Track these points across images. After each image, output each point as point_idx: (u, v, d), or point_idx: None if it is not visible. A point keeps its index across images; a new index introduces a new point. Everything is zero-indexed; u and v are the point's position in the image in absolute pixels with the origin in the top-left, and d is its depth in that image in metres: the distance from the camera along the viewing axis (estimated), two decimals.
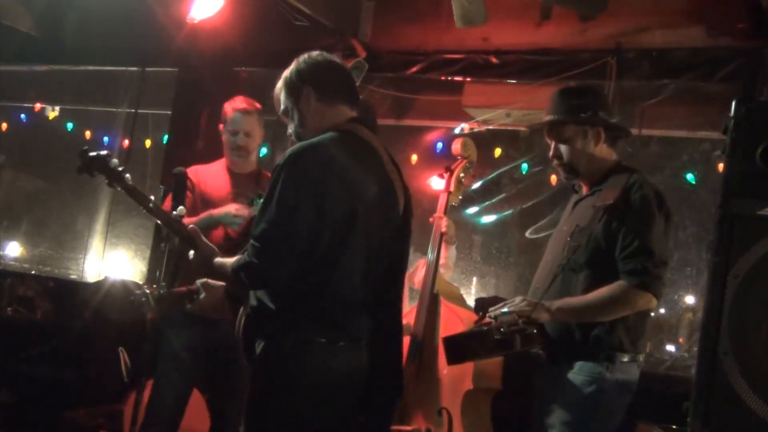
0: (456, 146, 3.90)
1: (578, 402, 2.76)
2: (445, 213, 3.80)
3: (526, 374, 3.65)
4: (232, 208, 3.55)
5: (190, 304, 3.13)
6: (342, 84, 2.65)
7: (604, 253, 2.77)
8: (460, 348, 2.97)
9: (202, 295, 3.07)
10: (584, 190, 3.01)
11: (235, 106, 3.73)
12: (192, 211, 3.52)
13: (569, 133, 2.94)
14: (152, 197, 2.65)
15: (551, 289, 2.86)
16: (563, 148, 2.96)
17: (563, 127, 2.95)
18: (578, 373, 2.78)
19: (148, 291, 3.10)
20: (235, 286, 2.59)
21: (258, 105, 3.78)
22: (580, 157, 2.94)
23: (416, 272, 3.88)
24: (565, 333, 2.82)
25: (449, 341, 3.00)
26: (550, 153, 3.01)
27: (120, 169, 2.75)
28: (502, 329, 2.82)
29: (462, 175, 3.87)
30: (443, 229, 3.74)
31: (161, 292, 3.15)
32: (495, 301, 2.95)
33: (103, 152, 2.78)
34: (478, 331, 2.92)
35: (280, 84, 2.68)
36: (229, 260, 2.52)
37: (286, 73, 2.65)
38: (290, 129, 2.65)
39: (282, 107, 2.66)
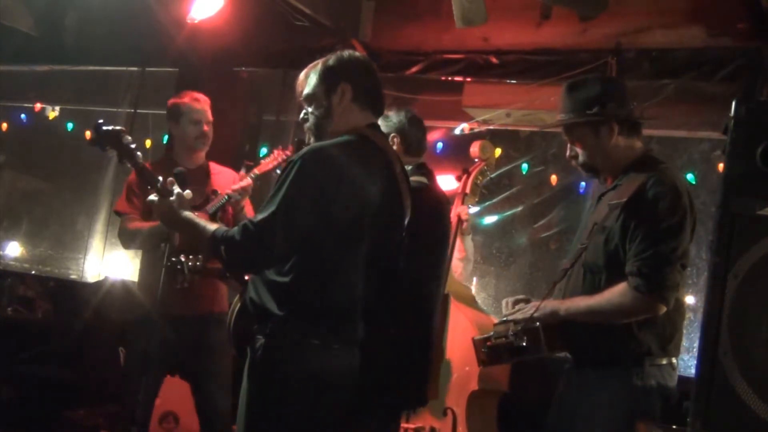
0: (474, 149, 3.90)
1: (608, 421, 2.64)
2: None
3: (533, 377, 3.64)
4: None
5: (225, 281, 3.24)
6: (376, 92, 2.64)
7: (622, 255, 2.63)
8: (478, 352, 2.96)
9: None
10: (608, 182, 2.86)
11: (191, 97, 3.87)
12: (147, 215, 3.56)
13: (579, 132, 2.80)
14: (160, 178, 2.64)
15: (565, 290, 2.79)
16: (578, 147, 2.83)
17: (573, 126, 2.82)
18: (607, 386, 2.65)
19: (183, 259, 3.10)
20: (206, 250, 2.55)
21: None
22: (595, 155, 2.80)
23: None
24: (588, 336, 2.69)
25: (475, 343, 2.97)
26: (567, 153, 2.89)
27: (133, 146, 2.74)
28: (496, 338, 2.82)
29: (480, 177, 3.87)
30: (464, 216, 3.71)
31: (198, 264, 3.17)
32: (518, 302, 2.90)
33: (118, 127, 2.76)
34: (485, 337, 2.91)
35: (313, 70, 2.61)
36: (211, 225, 2.51)
37: (326, 61, 2.59)
38: (308, 116, 2.59)
39: (308, 91, 2.59)
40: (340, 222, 2.40)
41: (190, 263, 3.16)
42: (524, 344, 2.72)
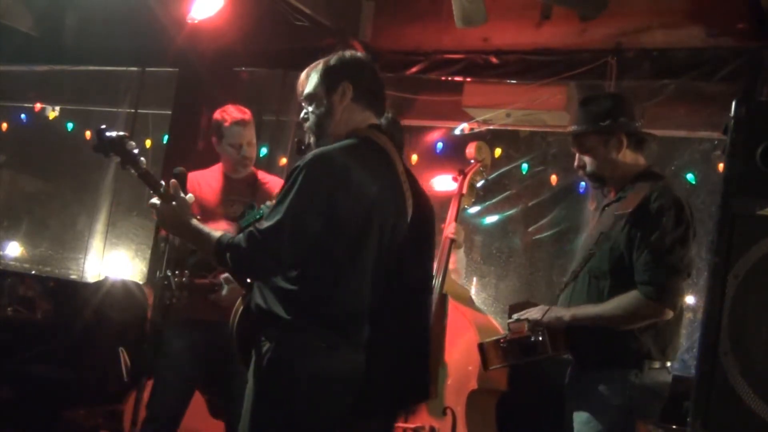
0: (470, 150, 3.92)
1: (609, 414, 2.75)
2: (457, 216, 3.80)
3: (531, 377, 3.66)
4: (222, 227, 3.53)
5: (213, 296, 3.25)
6: (378, 92, 2.64)
7: (627, 262, 2.77)
8: (484, 354, 3.06)
9: (225, 290, 3.15)
10: (611, 194, 3.00)
11: (231, 117, 3.70)
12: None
13: (590, 143, 2.94)
14: (163, 182, 2.64)
15: (570, 295, 2.91)
16: (586, 158, 2.97)
17: (584, 137, 2.95)
18: (606, 382, 2.78)
19: (169, 274, 3.09)
20: (211, 257, 2.52)
21: (249, 111, 3.79)
22: (603, 166, 2.94)
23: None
24: (592, 339, 2.82)
25: (480, 347, 3.08)
26: (575, 163, 3.03)
27: (136, 151, 2.74)
28: (512, 332, 2.93)
29: (476, 178, 3.88)
30: (452, 235, 3.73)
31: (184, 279, 3.16)
32: (524, 305, 3.00)
33: (121, 133, 2.77)
34: (496, 339, 3.02)
35: (314, 69, 2.60)
36: (216, 231, 2.49)
37: (328, 60, 2.58)
38: (309, 115, 2.58)
39: (309, 90, 2.58)
40: (346, 227, 2.40)
41: (176, 279, 3.15)
42: (540, 338, 2.84)
